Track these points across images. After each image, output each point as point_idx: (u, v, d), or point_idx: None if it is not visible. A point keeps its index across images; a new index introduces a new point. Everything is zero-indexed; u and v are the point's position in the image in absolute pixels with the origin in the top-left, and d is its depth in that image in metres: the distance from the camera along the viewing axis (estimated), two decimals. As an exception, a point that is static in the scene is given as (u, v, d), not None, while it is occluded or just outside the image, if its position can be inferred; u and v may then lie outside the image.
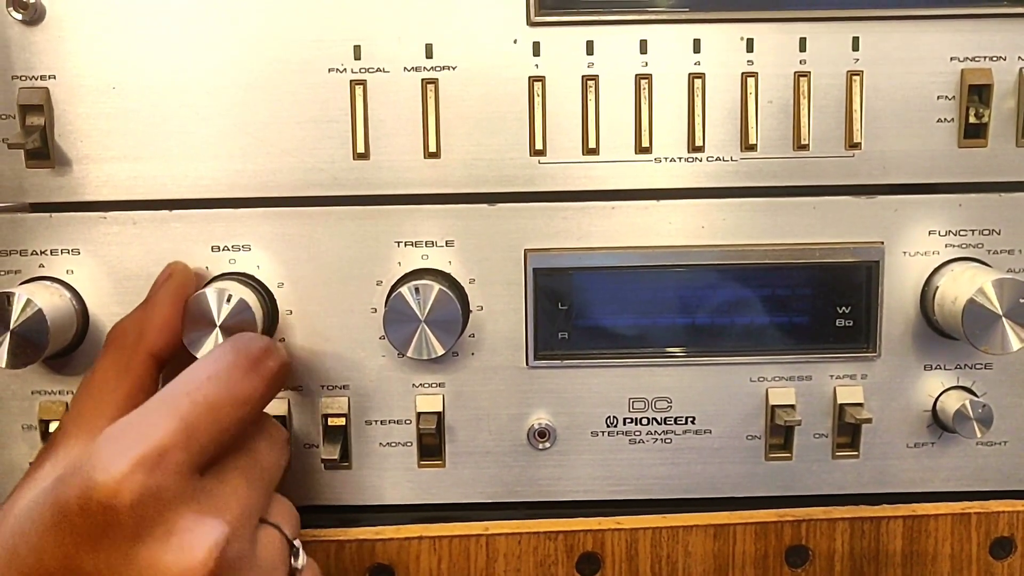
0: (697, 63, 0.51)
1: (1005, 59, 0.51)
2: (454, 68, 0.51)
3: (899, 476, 0.55)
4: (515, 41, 0.51)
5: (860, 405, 0.54)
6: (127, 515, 0.39)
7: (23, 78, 0.50)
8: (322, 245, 0.52)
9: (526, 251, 0.52)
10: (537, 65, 0.51)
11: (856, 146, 0.52)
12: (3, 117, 0.50)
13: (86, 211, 0.52)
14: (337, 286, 0.53)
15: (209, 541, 0.40)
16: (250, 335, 0.47)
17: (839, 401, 0.54)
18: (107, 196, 0.52)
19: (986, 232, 0.53)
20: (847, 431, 0.54)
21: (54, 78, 0.51)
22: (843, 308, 0.53)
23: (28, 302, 0.48)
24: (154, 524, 0.39)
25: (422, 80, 0.51)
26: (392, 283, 0.52)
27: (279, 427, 0.49)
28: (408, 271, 0.52)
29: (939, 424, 0.54)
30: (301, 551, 0.46)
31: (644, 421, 0.54)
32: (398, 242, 0.52)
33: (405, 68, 0.51)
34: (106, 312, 0.52)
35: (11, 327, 0.48)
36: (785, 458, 0.55)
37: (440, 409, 0.53)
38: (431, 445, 0.54)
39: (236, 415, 0.43)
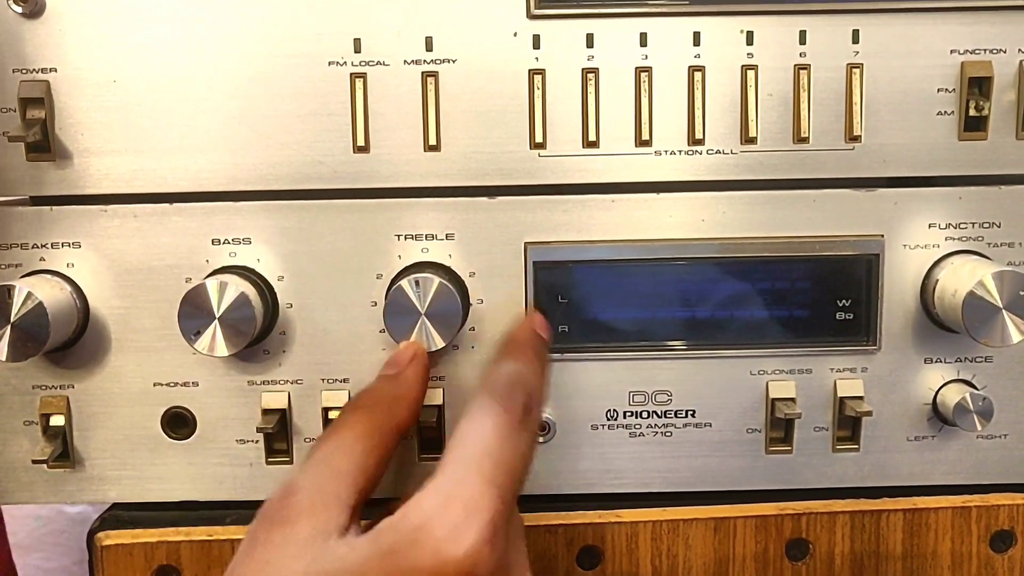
0: (697, 56, 0.51)
1: (1005, 51, 0.51)
2: (454, 61, 0.51)
3: (899, 469, 0.55)
4: (515, 34, 0.51)
5: (860, 398, 0.54)
6: None
7: (24, 71, 0.50)
8: (322, 238, 0.52)
9: (526, 244, 0.52)
10: (537, 58, 0.51)
11: (856, 139, 0.52)
12: (4, 110, 0.51)
13: (87, 204, 0.52)
14: (337, 279, 0.53)
15: None
16: (511, 384, 0.45)
17: (839, 394, 0.54)
18: (108, 189, 0.52)
19: (986, 225, 0.53)
20: (847, 424, 0.54)
21: (55, 71, 0.51)
22: (843, 301, 0.53)
23: (29, 295, 0.48)
24: None
25: (422, 73, 0.51)
26: (392, 276, 0.52)
27: None
28: (408, 264, 0.52)
29: (939, 417, 0.54)
30: None
31: (644, 414, 0.54)
32: (398, 235, 0.52)
33: (405, 61, 0.51)
34: (106, 305, 0.53)
35: (12, 320, 0.48)
36: (785, 451, 0.55)
37: (440, 402, 0.53)
38: (431, 438, 0.54)
39: (525, 474, 0.43)
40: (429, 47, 0.51)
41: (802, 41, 0.51)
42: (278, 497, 0.42)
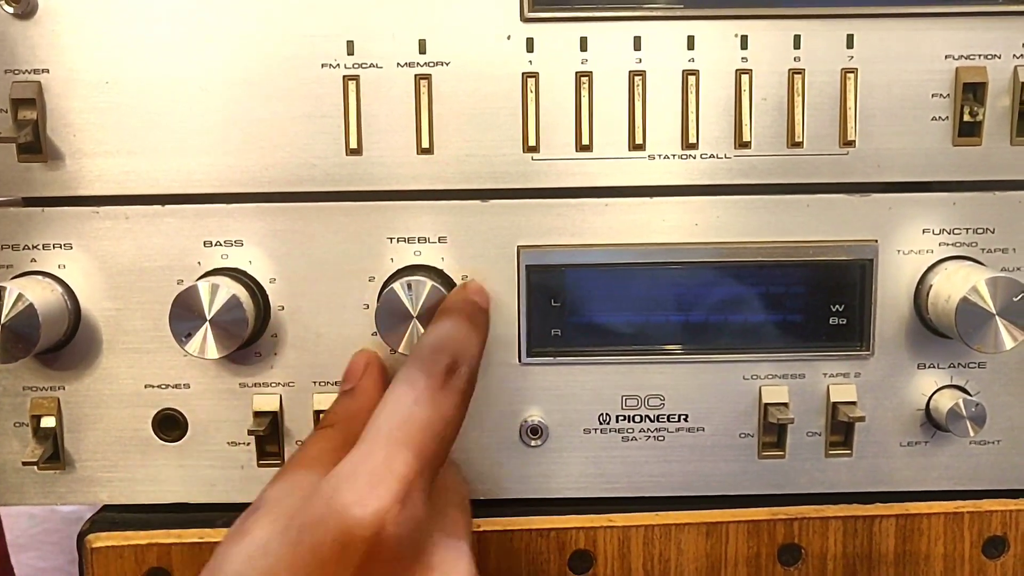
0: (691, 60, 0.51)
1: (1000, 57, 0.51)
2: (447, 64, 0.51)
3: (892, 475, 0.55)
4: (509, 37, 0.51)
5: (853, 403, 0.53)
6: (392, 549, 0.38)
7: (15, 72, 0.50)
8: (315, 241, 0.52)
9: (519, 248, 0.52)
10: (531, 61, 0.51)
11: (850, 144, 0.52)
12: (-5, 111, 0.50)
13: (78, 205, 0.52)
14: (329, 282, 0.52)
15: (464, 563, 0.41)
16: (433, 348, 0.45)
17: (832, 399, 0.54)
18: (100, 191, 0.52)
19: (980, 231, 0.53)
20: (840, 429, 0.54)
21: (47, 72, 0.50)
22: (837, 306, 0.53)
23: (19, 296, 0.48)
24: (415, 554, 0.39)
25: (415, 76, 0.51)
26: (385, 279, 0.52)
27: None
28: (401, 267, 0.52)
29: (932, 423, 0.54)
30: None
31: (637, 418, 0.54)
32: (391, 238, 0.52)
33: (398, 63, 0.51)
34: (98, 307, 0.52)
35: (2, 321, 0.48)
36: (778, 456, 0.54)
37: (432, 406, 0.53)
38: (423, 441, 0.54)
39: (449, 434, 0.43)
40: (423, 50, 0.51)
41: (796, 46, 0.51)
42: (247, 512, 0.43)
